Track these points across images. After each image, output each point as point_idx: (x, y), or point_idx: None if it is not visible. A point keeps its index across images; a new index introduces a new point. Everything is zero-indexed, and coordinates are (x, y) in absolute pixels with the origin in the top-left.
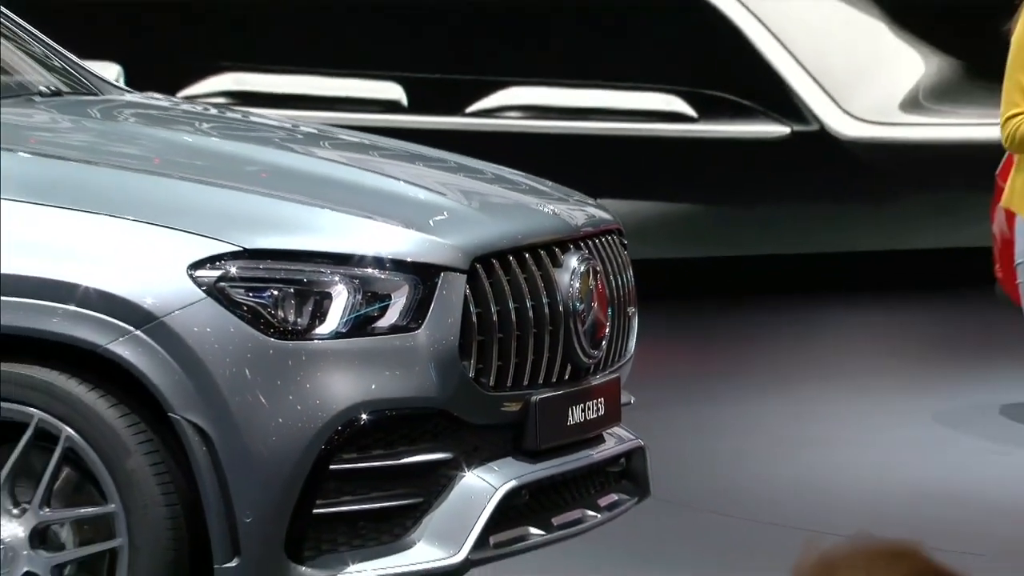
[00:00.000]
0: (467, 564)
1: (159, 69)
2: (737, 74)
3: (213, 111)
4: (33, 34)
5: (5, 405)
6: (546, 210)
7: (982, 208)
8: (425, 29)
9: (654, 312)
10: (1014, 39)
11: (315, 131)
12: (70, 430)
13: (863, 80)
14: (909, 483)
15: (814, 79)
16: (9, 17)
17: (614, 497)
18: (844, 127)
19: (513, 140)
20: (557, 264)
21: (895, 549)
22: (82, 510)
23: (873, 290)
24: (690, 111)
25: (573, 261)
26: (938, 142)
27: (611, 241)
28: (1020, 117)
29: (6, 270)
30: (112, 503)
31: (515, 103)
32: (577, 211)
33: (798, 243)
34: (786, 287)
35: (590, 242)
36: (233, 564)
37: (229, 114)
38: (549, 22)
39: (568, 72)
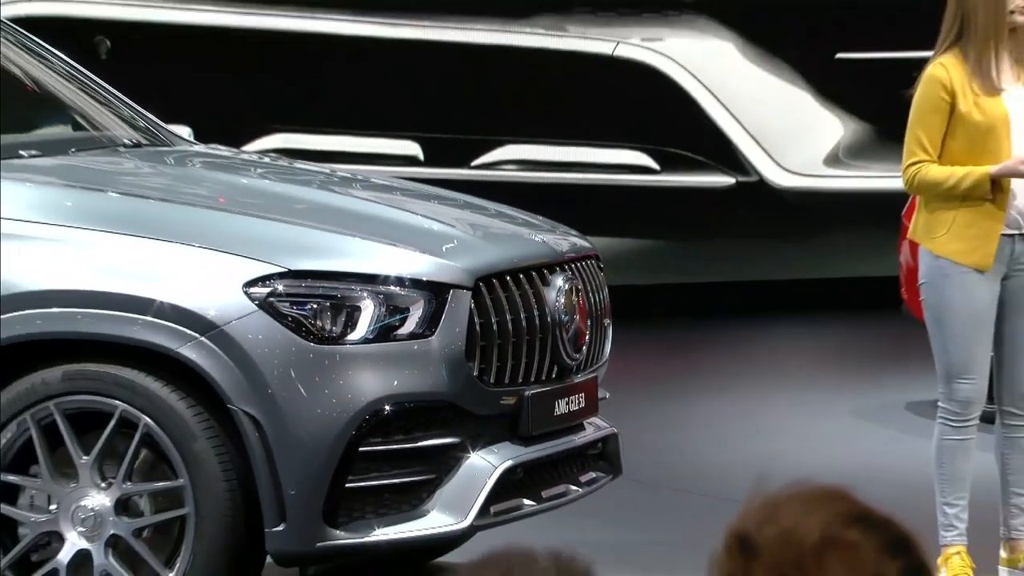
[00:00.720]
0: (472, 529)
1: (222, 130)
2: (692, 135)
3: (265, 159)
4: (119, 97)
5: (95, 398)
6: (537, 239)
7: (891, 244)
8: (437, 99)
9: (626, 328)
10: (913, 102)
11: (348, 175)
12: (147, 419)
13: (794, 140)
14: (834, 464)
15: (754, 139)
16: (100, 84)
17: (592, 475)
18: (779, 178)
19: (510, 188)
20: (546, 283)
21: (829, 492)
22: (157, 484)
23: (803, 311)
24: (654, 165)
25: (559, 281)
26: (855, 191)
27: (590, 265)
28: (919, 165)
29: (97, 288)
30: (181, 478)
31: (511, 158)
32: (562, 240)
33: (742, 272)
34: (733, 308)
35: (573, 265)
36: (280, 528)
37: (278, 162)
38: (538, 93)
39: (554, 133)
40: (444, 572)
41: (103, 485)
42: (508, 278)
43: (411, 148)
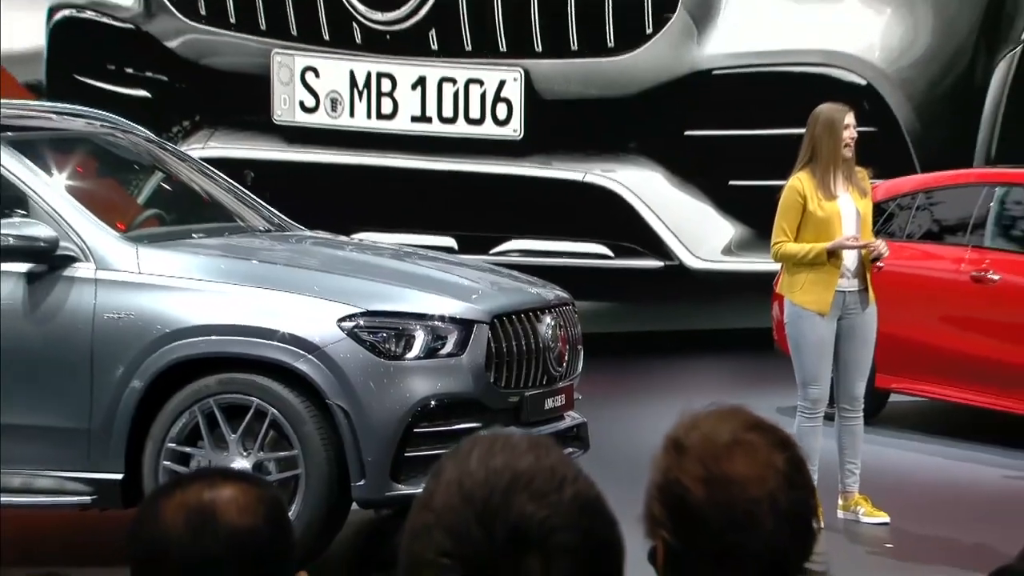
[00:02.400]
0: None
1: (323, 227)
2: (635, 233)
3: (352, 240)
4: (259, 201)
5: (240, 396)
6: (532, 291)
7: (766, 305)
8: (466, 209)
9: (593, 360)
10: (779, 203)
11: (408, 250)
12: (273, 410)
13: (701, 238)
14: None
15: (676, 237)
16: (248, 192)
17: (570, 449)
18: (692, 263)
19: (516, 269)
20: (539, 321)
21: (734, 408)
22: (280, 453)
23: (709, 349)
24: (610, 253)
25: (547, 319)
26: (741, 271)
27: (568, 309)
28: (781, 243)
29: (241, 322)
30: (296, 449)
31: (515, 248)
32: (549, 292)
33: (669, 324)
34: (662, 348)
35: (556, 309)
36: (361, 483)
37: (359, 243)
38: (533, 205)
39: (544, 231)
40: None
41: (245, 454)
42: (513, 317)
43: (449, 241)
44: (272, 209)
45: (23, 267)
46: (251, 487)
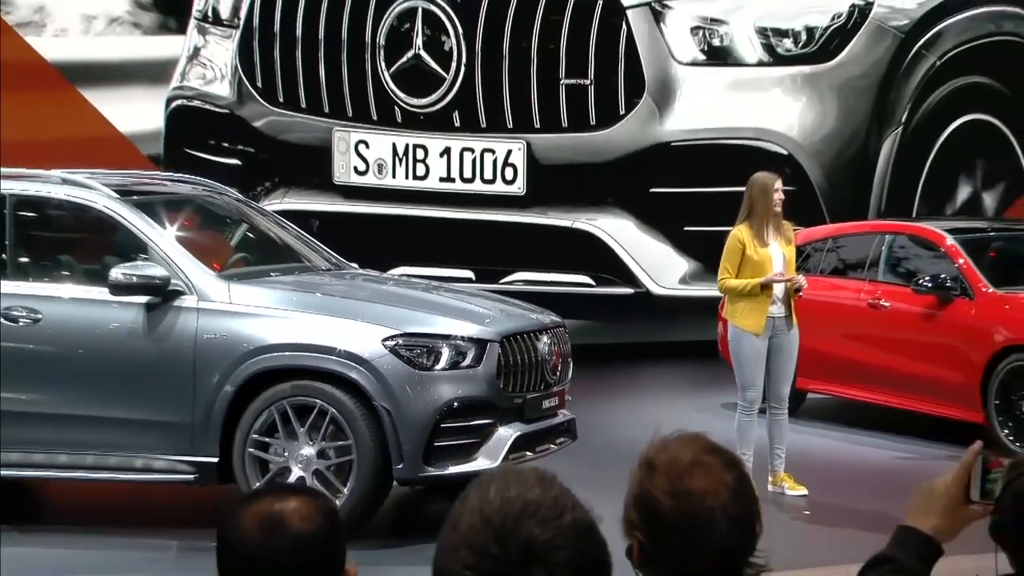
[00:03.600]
0: (498, 467)
1: (371, 263)
2: (612, 267)
3: (392, 276)
4: (321, 246)
5: (307, 399)
6: (532, 316)
7: (713, 323)
8: (481, 248)
9: (578, 366)
10: (725, 247)
11: (436, 284)
12: (333, 409)
13: (663, 270)
14: (647, 437)
15: (643, 270)
16: (311, 238)
17: (562, 439)
18: (655, 290)
19: (518, 295)
20: (538, 340)
21: (694, 435)
22: (337, 443)
23: (671, 357)
24: (592, 282)
25: (544, 338)
26: (694, 296)
27: (560, 331)
28: (725, 278)
29: (309, 341)
30: (350, 440)
31: (520, 279)
32: (545, 317)
33: (639, 337)
34: (631, 355)
35: (551, 330)
36: (400, 466)
37: (398, 278)
38: (533, 245)
39: (541, 266)
40: None
41: (310, 443)
42: (518, 337)
43: (468, 273)
44: (331, 252)
45: (143, 299)
46: (312, 500)
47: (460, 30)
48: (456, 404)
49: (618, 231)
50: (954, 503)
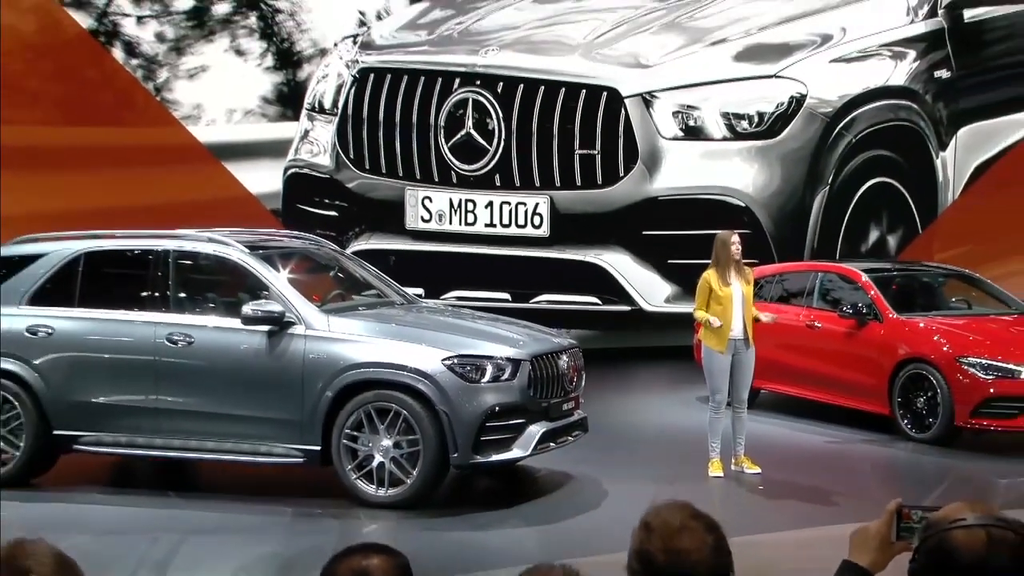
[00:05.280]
0: (529, 455)
1: (427, 288)
2: (614, 291)
3: (450, 307)
4: (394, 283)
5: (385, 404)
6: (555, 340)
7: (691, 334)
8: (516, 278)
9: (589, 366)
10: (697, 287)
11: (479, 314)
12: (405, 411)
13: (653, 292)
14: (673, 421)
15: (638, 292)
16: (387, 277)
17: (577, 432)
18: (647, 307)
19: (545, 311)
20: (558, 359)
21: (682, 503)
22: (409, 436)
23: (658, 358)
24: (598, 302)
25: (564, 357)
26: (677, 312)
27: (575, 351)
28: (697, 310)
29: (386, 360)
30: (418, 435)
31: (546, 299)
32: (564, 340)
33: (635, 343)
34: (627, 359)
35: (568, 351)
36: (455, 455)
37: (453, 307)
38: (554, 275)
39: (562, 289)
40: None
41: (388, 437)
42: (544, 356)
43: (506, 295)
44: (403, 289)
45: (266, 327)
46: (390, 557)
47: (500, 114)
48: (497, 408)
49: (618, 263)
50: (882, 543)
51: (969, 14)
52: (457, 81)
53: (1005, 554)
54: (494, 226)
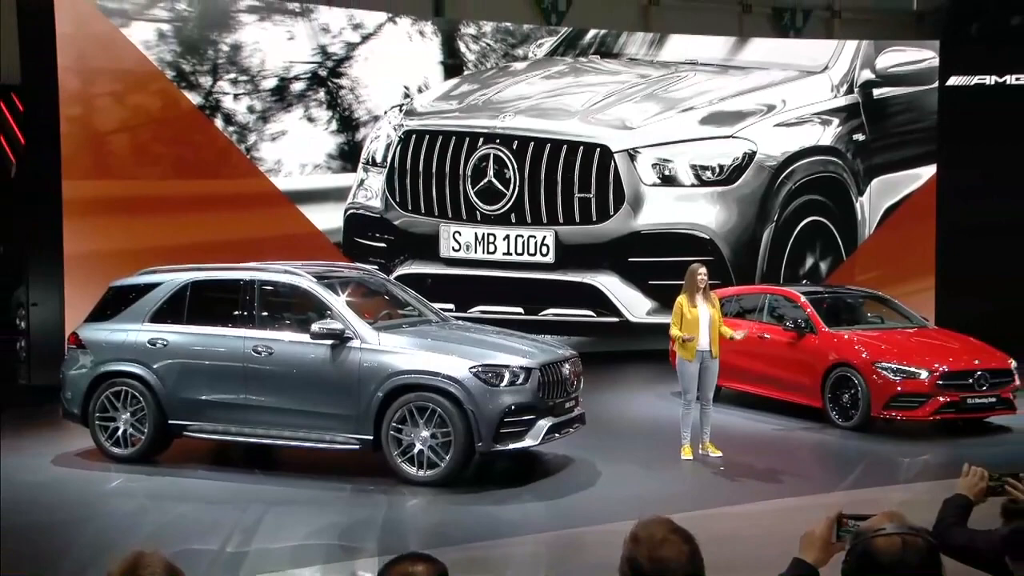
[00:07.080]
0: (539, 444)
1: (457, 304)
2: (606, 306)
3: (475, 323)
4: (429, 303)
5: (424, 403)
6: (559, 351)
7: (666, 339)
8: (526, 296)
9: (585, 367)
10: (673, 309)
11: (494, 328)
12: (439, 409)
13: (637, 306)
14: (652, 412)
15: (624, 307)
16: (423, 298)
17: (577, 425)
18: (632, 319)
19: (550, 323)
20: (562, 366)
21: (664, 519)
22: (443, 429)
23: (641, 360)
24: (593, 314)
25: (567, 365)
26: (657, 323)
27: (576, 359)
28: (672, 326)
29: (422, 368)
30: (450, 428)
31: (552, 312)
32: (567, 351)
33: (622, 347)
34: (614, 361)
35: (570, 360)
36: (480, 444)
37: (477, 323)
38: (557, 294)
39: (565, 305)
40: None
41: (426, 429)
42: (550, 364)
43: (519, 309)
44: (437, 308)
45: (330, 342)
46: (432, 564)
47: (515, 166)
48: (513, 407)
49: (609, 284)
50: (825, 543)
51: (877, 92)
52: (481, 140)
53: (915, 556)
54: (510, 254)
